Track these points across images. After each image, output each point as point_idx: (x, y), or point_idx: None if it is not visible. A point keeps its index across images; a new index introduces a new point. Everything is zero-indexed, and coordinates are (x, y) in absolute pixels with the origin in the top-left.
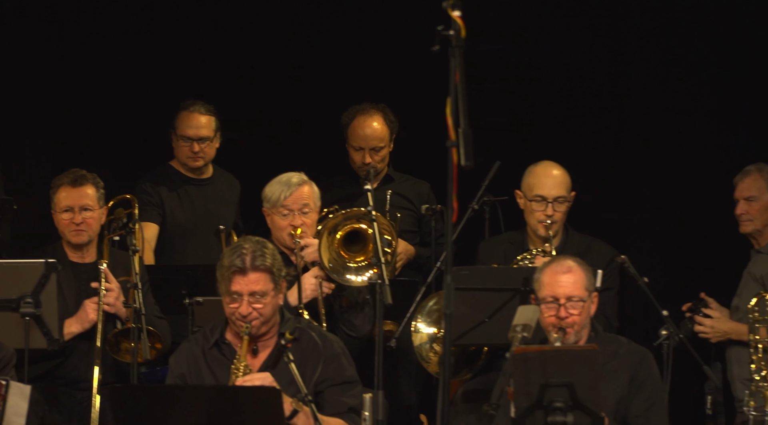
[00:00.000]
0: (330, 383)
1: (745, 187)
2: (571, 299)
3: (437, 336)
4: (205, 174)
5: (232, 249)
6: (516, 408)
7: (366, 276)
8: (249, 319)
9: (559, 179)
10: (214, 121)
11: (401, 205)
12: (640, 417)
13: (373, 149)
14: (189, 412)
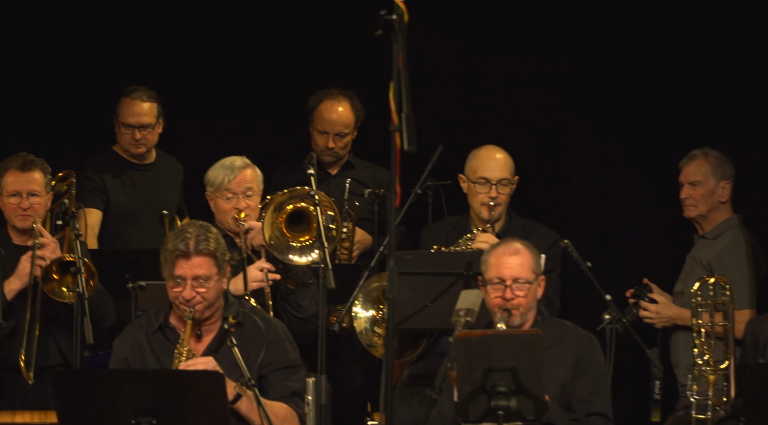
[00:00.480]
0: (273, 367)
1: (690, 172)
2: (517, 280)
3: (377, 318)
4: (147, 159)
5: (176, 234)
6: (459, 393)
7: (310, 256)
8: (192, 303)
9: (502, 162)
10: (156, 107)
11: (360, 193)
12: (583, 402)
13: (337, 134)
14: (132, 396)
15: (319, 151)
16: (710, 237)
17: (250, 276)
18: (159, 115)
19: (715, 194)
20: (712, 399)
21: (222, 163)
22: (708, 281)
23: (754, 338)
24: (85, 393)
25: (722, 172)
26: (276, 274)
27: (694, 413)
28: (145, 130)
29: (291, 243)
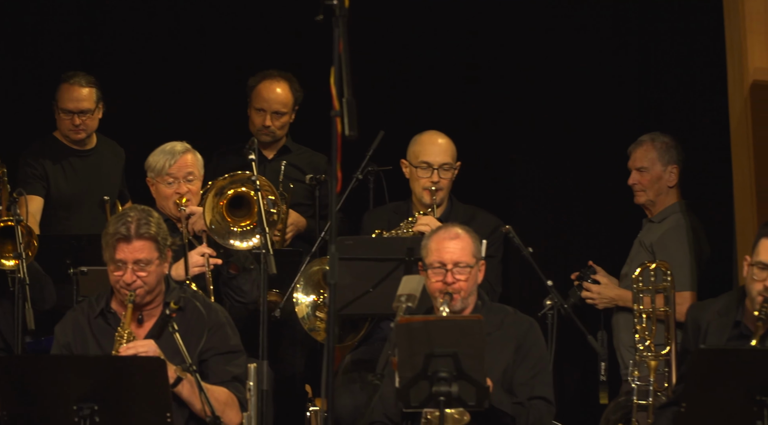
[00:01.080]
0: (214, 352)
1: (638, 157)
2: (458, 265)
3: (318, 303)
4: (88, 145)
5: (117, 218)
6: (400, 378)
7: (251, 241)
8: (133, 288)
9: (444, 147)
10: (95, 92)
11: (296, 177)
12: (525, 385)
13: (275, 112)
14: (74, 382)
15: (256, 131)
16: (656, 221)
17: (191, 262)
18: (98, 101)
19: (662, 179)
20: (653, 384)
21: (162, 149)
22: (649, 266)
23: (695, 323)
24: (27, 378)
25: (669, 157)
26: (217, 259)
27: (636, 399)
28: (84, 115)
29: (232, 228)
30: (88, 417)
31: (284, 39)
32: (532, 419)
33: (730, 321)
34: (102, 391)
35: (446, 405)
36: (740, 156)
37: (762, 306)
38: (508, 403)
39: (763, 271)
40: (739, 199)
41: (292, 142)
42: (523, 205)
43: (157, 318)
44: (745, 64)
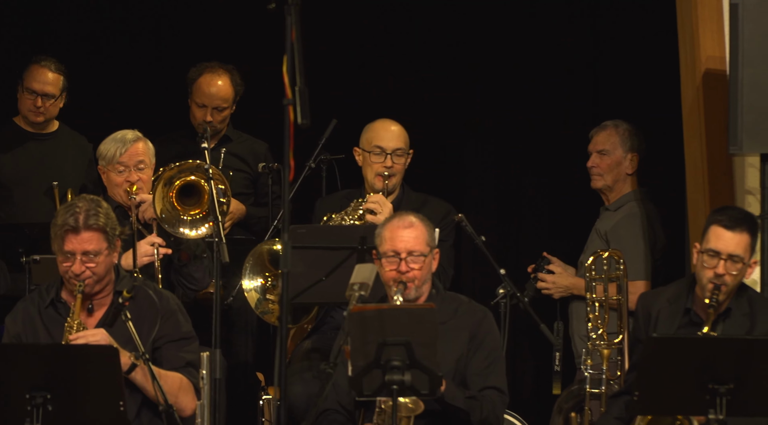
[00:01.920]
0: (167, 339)
1: (599, 141)
2: (411, 253)
3: (266, 286)
4: (46, 129)
5: (66, 208)
6: (353, 367)
7: (201, 229)
8: (82, 278)
9: (397, 133)
10: (62, 80)
11: (236, 166)
12: (478, 376)
13: (216, 108)
14: (26, 371)
15: (197, 124)
16: (612, 209)
17: (140, 251)
18: (63, 89)
19: (621, 165)
20: (606, 373)
21: (113, 137)
22: (602, 255)
23: (645, 312)
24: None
25: (631, 144)
26: (167, 249)
27: (588, 387)
28: (48, 99)
29: (182, 217)
30: (40, 405)
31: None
32: (485, 412)
33: (680, 309)
34: (54, 380)
35: (399, 394)
36: (692, 144)
37: (713, 293)
38: (461, 397)
39: (713, 259)
40: (691, 187)
41: (233, 129)
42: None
43: (108, 306)
44: (697, 53)
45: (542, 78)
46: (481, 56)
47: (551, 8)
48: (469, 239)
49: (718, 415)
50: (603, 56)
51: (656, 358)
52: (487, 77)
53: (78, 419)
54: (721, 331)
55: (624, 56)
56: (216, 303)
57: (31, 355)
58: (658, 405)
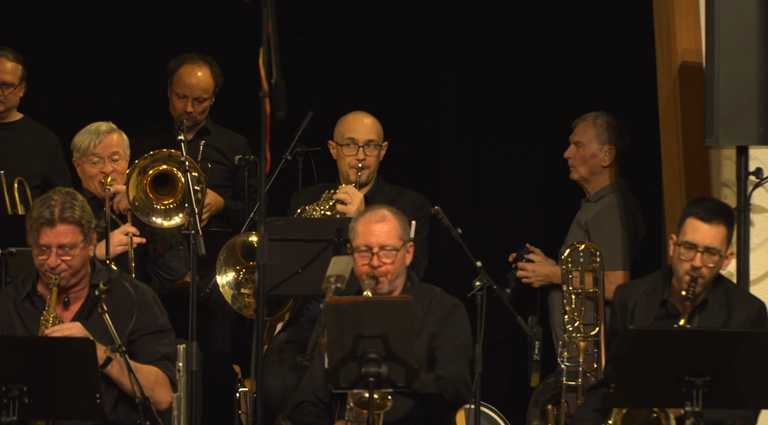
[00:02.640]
0: (143, 332)
1: (578, 132)
2: (384, 248)
3: (239, 280)
4: (7, 119)
5: (41, 201)
6: (330, 359)
7: (175, 219)
8: (58, 271)
9: (370, 125)
10: (21, 69)
11: (214, 159)
12: (442, 362)
13: (196, 99)
14: (2, 363)
15: (177, 115)
16: (593, 200)
17: (114, 241)
18: (23, 78)
19: (596, 157)
20: (582, 365)
21: (88, 129)
22: (578, 247)
23: (622, 304)
24: None
25: (607, 136)
26: (141, 238)
27: (565, 380)
28: (6, 88)
29: (155, 206)
30: (17, 398)
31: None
32: (455, 385)
33: (656, 301)
34: (31, 372)
35: (375, 386)
36: (669, 137)
37: (689, 285)
38: (432, 384)
39: (690, 251)
40: (667, 179)
41: (212, 123)
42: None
43: (84, 299)
44: (673, 45)
45: (518, 70)
46: (455, 48)
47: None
48: (445, 231)
49: (695, 407)
50: (579, 48)
51: (633, 350)
52: (462, 69)
53: (54, 411)
54: (698, 323)
55: (600, 49)
56: (192, 296)
57: (7, 348)
58: (634, 397)
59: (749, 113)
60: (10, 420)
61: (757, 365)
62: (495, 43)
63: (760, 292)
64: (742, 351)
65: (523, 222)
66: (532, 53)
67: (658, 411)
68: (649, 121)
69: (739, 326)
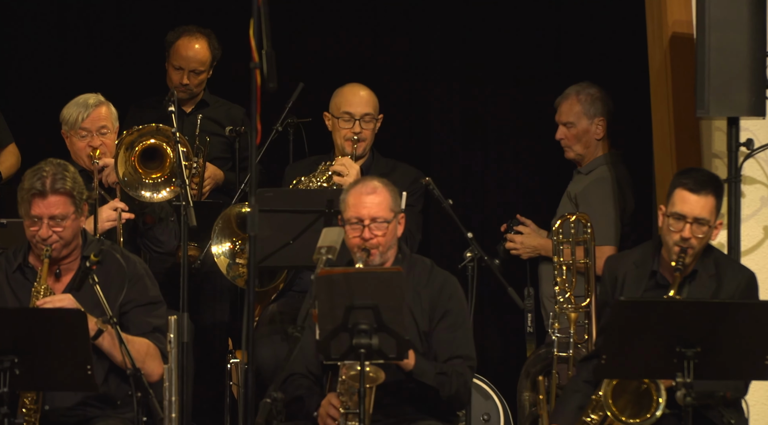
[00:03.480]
0: (134, 304)
1: (563, 112)
2: (375, 220)
3: (235, 250)
4: None
5: (33, 172)
6: (321, 331)
7: (163, 192)
8: (49, 242)
9: (366, 98)
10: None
11: (214, 130)
12: (445, 343)
13: (192, 71)
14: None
15: (174, 87)
16: (584, 172)
17: (102, 216)
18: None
19: (589, 132)
20: (573, 336)
21: (76, 101)
22: (569, 218)
23: (612, 275)
24: None
25: (595, 109)
26: (130, 214)
27: (556, 351)
28: None
29: (144, 180)
30: (8, 369)
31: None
32: (454, 387)
33: (646, 272)
34: (22, 344)
35: (366, 357)
36: (659, 108)
37: (679, 256)
38: (431, 374)
39: (679, 222)
40: (658, 150)
41: (210, 94)
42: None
43: (76, 271)
44: (664, 17)
45: (506, 40)
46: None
47: None
48: (436, 203)
49: (686, 378)
50: (567, 19)
51: (623, 322)
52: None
53: (45, 383)
54: (687, 293)
55: (589, 19)
56: (183, 268)
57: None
58: (625, 368)
59: (740, 84)
60: (1, 391)
61: (747, 335)
62: (483, 12)
63: (751, 263)
64: (732, 321)
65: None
66: (521, 23)
67: (649, 382)
68: (640, 93)
69: (729, 296)
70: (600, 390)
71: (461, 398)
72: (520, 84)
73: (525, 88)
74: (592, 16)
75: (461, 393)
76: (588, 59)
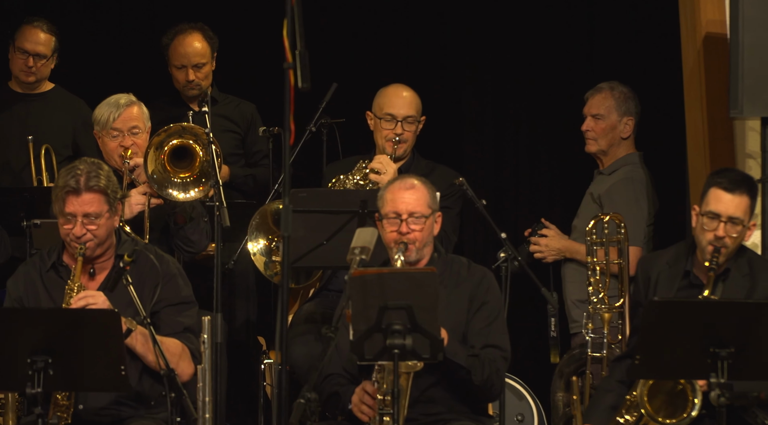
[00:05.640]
0: (166, 303)
1: (594, 104)
2: (413, 215)
3: (271, 247)
4: (37, 90)
5: (67, 170)
6: (354, 331)
7: (192, 192)
8: (83, 241)
9: (409, 99)
10: (54, 41)
11: (225, 127)
12: (479, 334)
13: (195, 66)
14: (28, 335)
15: (182, 87)
16: (606, 173)
17: (132, 200)
18: (55, 50)
19: (616, 129)
20: (607, 337)
21: (107, 101)
22: (603, 219)
23: (645, 275)
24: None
25: (626, 107)
26: (158, 199)
27: (590, 351)
28: (39, 60)
29: (172, 179)
30: (42, 369)
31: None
32: (487, 372)
33: (679, 272)
34: (56, 344)
35: (400, 358)
36: (693, 108)
37: (712, 256)
38: (463, 355)
39: (713, 221)
40: (691, 150)
41: (218, 92)
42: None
43: (109, 270)
44: (697, 17)
45: (539, 41)
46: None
47: None
48: (469, 203)
49: (720, 379)
50: (600, 19)
51: (657, 322)
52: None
53: (79, 383)
54: (720, 292)
55: (623, 19)
56: (217, 267)
57: (32, 319)
58: (659, 368)
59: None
60: (35, 391)
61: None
62: (515, 13)
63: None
64: (766, 321)
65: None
66: (553, 24)
67: (685, 382)
68: (673, 93)
69: (763, 296)
70: (635, 390)
71: (494, 386)
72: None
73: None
74: (625, 17)
75: (494, 381)
76: (621, 60)
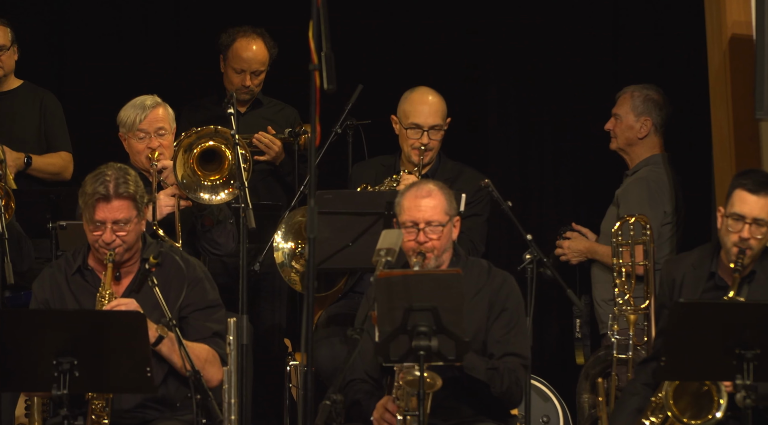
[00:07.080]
0: (193, 308)
1: (617, 104)
2: (430, 224)
3: (296, 252)
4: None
5: (95, 176)
6: (380, 333)
7: (222, 194)
8: (113, 247)
9: (434, 107)
10: (10, 32)
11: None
12: (499, 342)
13: (254, 72)
14: (53, 337)
15: (235, 90)
16: (629, 174)
17: (161, 202)
18: (13, 41)
19: (632, 129)
20: (632, 338)
21: (133, 103)
22: (628, 221)
23: (670, 277)
24: (7, 333)
25: (644, 108)
26: (187, 201)
27: (615, 353)
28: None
29: (202, 182)
30: (67, 371)
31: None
32: (506, 383)
33: (704, 274)
34: (81, 346)
35: (426, 360)
36: (718, 109)
37: (737, 257)
38: (482, 369)
39: (738, 223)
40: (717, 152)
41: (263, 95)
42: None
43: (136, 274)
44: (723, 18)
45: (564, 42)
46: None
47: None
48: (495, 204)
49: (746, 380)
50: (626, 20)
51: (682, 324)
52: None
53: (104, 385)
54: (746, 294)
55: (648, 21)
56: (242, 269)
57: (57, 321)
58: (685, 370)
59: None
60: (60, 393)
61: None
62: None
63: None
64: None
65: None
66: (579, 25)
67: (710, 384)
68: (699, 94)
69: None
70: (661, 392)
71: (513, 395)
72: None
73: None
74: (650, 18)
75: (513, 391)
76: (646, 61)
